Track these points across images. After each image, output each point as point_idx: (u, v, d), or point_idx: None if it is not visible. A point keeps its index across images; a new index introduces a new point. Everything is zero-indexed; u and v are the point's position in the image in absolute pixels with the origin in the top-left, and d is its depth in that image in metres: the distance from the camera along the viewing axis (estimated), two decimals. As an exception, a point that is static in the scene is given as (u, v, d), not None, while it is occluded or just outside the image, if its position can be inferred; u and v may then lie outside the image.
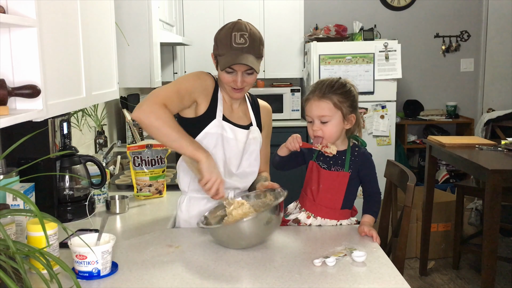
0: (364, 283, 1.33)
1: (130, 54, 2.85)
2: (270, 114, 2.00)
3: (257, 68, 1.72)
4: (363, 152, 1.77)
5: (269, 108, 2.00)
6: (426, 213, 3.52)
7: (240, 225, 1.50)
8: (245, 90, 1.79)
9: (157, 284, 1.32)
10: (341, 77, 1.77)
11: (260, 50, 1.74)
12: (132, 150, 2.25)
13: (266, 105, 2.00)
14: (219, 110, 1.77)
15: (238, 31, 1.70)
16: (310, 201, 1.77)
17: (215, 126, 1.76)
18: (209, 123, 1.76)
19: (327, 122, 1.70)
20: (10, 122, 1.26)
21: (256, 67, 1.71)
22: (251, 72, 1.73)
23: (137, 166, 2.24)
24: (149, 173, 2.23)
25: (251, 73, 1.73)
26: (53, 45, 1.53)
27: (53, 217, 1.13)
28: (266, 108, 1.98)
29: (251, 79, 1.75)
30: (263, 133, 1.94)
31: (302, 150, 1.78)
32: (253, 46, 1.71)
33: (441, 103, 5.28)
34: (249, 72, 1.73)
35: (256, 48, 1.72)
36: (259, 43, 1.73)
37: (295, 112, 4.64)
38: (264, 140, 1.95)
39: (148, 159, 2.25)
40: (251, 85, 1.78)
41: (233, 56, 1.68)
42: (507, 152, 3.06)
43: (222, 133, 1.77)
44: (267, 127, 1.97)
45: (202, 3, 4.60)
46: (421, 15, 5.20)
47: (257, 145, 1.88)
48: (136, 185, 2.24)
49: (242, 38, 1.69)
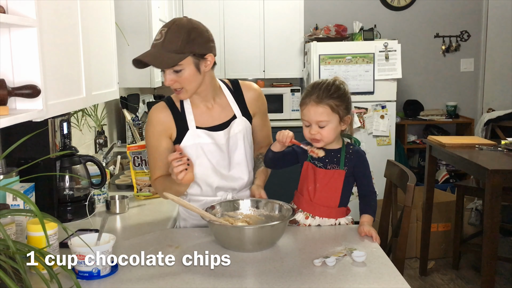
0: (364, 283, 1.33)
1: (130, 54, 2.84)
2: (258, 96, 1.87)
3: (163, 64, 1.60)
4: (357, 149, 1.78)
5: (255, 90, 1.87)
6: (426, 213, 3.52)
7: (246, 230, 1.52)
8: (186, 90, 1.68)
9: (157, 284, 1.32)
10: (336, 78, 1.75)
11: (183, 45, 1.59)
12: (132, 150, 2.25)
13: (251, 89, 1.86)
14: (189, 121, 1.75)
15: (162, 27, 1.63)
16: (307, 202, 1.77)
17: (190, 137, 1.75)
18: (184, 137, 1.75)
19: (325, 126, 1.70)
20: (10, 122, 1.26)
21: (163, 63, 1.60)
22: (178, 70, 1.62)
23: (137, 166, 2.24)
24: (149, 173, 2.23)
25: (179, 70, 1.63)
26: (53, 45, 1.53)
27: (53, 217, 1.13)
28: (251, 92, 1.86)
29: (181, 78, 1.64)
30: (256, 119, 1.88)
31: (295, 149, 1.79)
32: (170, 41, 1.58)
33: (441, 103, 5.28)
34: (176, 70, 1.62)
35: (174, 42, 1.58)
36: (183, 37, 1.59)
37: (295, 112, 4.64)
38: (259, 123, 1.89)
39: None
40: (189, 83, 1.66)
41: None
42: (507, 152, 3.05)
43: (199, 141, 1.75)
44: (258, 110, 1.88)
45: (202, 3, 4.60)
46: (421, 15, 5.20)
47: (245, 137, 1.82)
48: (136, 185, 2.24)
49: (159, 34, 1.62)
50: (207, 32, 1.68)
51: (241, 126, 1.82)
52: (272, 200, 1.78)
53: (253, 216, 1.72)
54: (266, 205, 1.75)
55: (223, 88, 1.83)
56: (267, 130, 1.96)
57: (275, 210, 1.72)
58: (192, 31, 1.61)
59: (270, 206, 1.74)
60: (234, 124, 1.81)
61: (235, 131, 1.81)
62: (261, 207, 1.75)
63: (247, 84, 1.88)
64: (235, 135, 1.81)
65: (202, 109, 1.79)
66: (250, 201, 1.77)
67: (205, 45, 1.65)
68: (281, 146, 1.74)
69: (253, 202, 1.77)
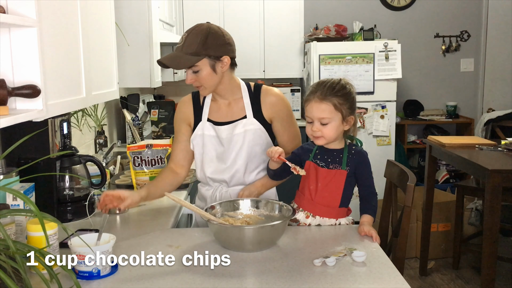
0: (364, 283, 1.33)
1: (130, 54, 2.85)
2: (277, 101, 1.93)
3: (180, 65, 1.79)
4: (359, 150, 1.78)
5: (274, 96, 1.94)
6: (426, 213, 3.52)
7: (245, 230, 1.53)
8: (204, 87, 1.85)
9: (157, 284, 1.32)
10: (342, 78, 1.77)
11: (199, 48, 1.76)
12: (132, 150, 2.25)
13: (270, 94, 1.94)
14: (204, 113, 1.94)
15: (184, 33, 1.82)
16: (308, 201, 1.78)
17: (200, 128, 1.94)
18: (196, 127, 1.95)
19: (327, 123, 1.71)
20: (10, 122, 1.26)
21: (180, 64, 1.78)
22: (196, 70, 1.79)
23: (137, 166, 2.24)
24: (149, 173, 2.23)
25: (196, 71, 1.80)
26: (53, 45, 1.53)
27: (53, 217, 1.13)
28: (269, 97, 1.93)
29: (199, 77, 1.81)
30: (275, 124, 1.93)
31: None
32: (189, 45, 1.76)
33: (441, 103, 5.28)
34: (194, 70, 1.80)
35: (191, 46, 1.76)
36: (199, 41, 1.76)
37: (295, 112, 4.64)
38: (279, 129, 1.94)
39: (148, 159, 2.25)
40: (206, 81, 1.82)
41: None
42: (507, 152, 3.05)
43: (204, 132, 1.92)
44: (276, 115, 1.92)
45: (202, 3, 4.60)
46: (421, 15, 5.20)
47: (250, 138, 1.89)
48: (136, 185, 2.24)
49: (181, 38, 1.81)
50: (225, 36, 1.82)
51: (249, 127, 1.89)
52: (272, 200, 1.79)
53: (253, 216, 1.72)
54: (266, 205, 1.75)
55: (242, 89, 1.94)
56: (288, 135, 1.97)
57: (275, 210, 1.72)
58: (209, 35, 1.77)
59: (270, 206, 1.75)
60: (241, 124, 1.90)
61: (240, 130, 1.89)
62: (261, 207, 1.75)
63: (268, 89, 1.96)
64: (239, 134, 1.89)
65: (218, 105, 1.94)
66: (250, 201, 1.78)
67: (221, 48, 1.80)
68: (275, 163, 1.76)
69: (253, 202, 1.77)
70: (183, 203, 1.65)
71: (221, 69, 1.82)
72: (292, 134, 1.98)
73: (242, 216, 1.72)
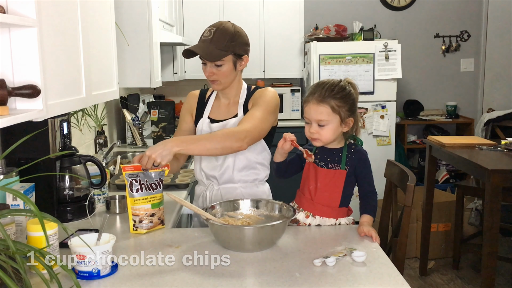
0: (364, 283, 1.33)
1: (130, 54, 2.85)
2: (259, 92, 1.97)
3: (211, 57, 1.84)
4: (359, 149, 1.78)
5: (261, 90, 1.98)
6: (426, 213, 3.52)
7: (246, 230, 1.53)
8: (220, 82, 1.92)
9: (157, 284, 1.32)
10: (343, 79, 1.75)
11: (228, 44, 1.85)
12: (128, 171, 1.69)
13: (259, 90, 1.99)
14: (206, 110, 2.04)
15: (209, 26, 1.89)
16: (308, 201, 1.78)
17: (200, 124, 2.03)
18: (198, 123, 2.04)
19: (325, 125, 1.70)
20: (10, 122, 1.26)
21: (211, 56, 1.84)
22: (219, 64, 1.87)
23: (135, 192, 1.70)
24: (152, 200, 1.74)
25: (220, 65, 1.87)
26: (53, 45, 1.53)
27: (53, 217, 1.13)
28: (257, 94, 1.97)
29: (220, 71, 1.88)
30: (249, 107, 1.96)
31: (297, 153, 1.80)
32: (218, 39, 1.84)
33: (441, 103, 5.28)
34: (218, 64, 1.87)
35: (220, 41, 1.84)
36: (228, 38, 1.85)
37: (295, 112, 4.64)
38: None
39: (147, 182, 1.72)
40: (225, 77, 1.90)
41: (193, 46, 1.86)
42: (507, 152, 3.05)
43: (202, 128, 2.01)
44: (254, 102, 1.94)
45: (202, 3, 4.60)
46: (421, 15, 5.20)
47: None
48: (133, 216, 1.71)
49: (208, 32, 1.87)
50: (246, 37, 1.94)
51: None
52: (272, 200, 1.79)
53: (253, 216, 1.72)
54: (266, 205, 1.75)
55: (243, 90, 2.02)
56: (248, 114, 1.88)
57: (275, 210, 1.72)
58: (236, 34, 1.88)
59: (270, 206, 1.75)
60: (232, 122, 1.96)
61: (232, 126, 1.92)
62: (261, 207, 1.75)
63: (262, 89, 2.01)
64: None
65: (220, 104, 2.03)
66: (250, 201, 1.78)
67: (244, 47, 1.92)
68: (281, 155, 1.75)
69: (253, 202, 1.77)
70: (183, 203, 1.65)
71: (239, 67, 1.93)
72: (251, 115, 1.86)
73: (242, 216, 1.72)
